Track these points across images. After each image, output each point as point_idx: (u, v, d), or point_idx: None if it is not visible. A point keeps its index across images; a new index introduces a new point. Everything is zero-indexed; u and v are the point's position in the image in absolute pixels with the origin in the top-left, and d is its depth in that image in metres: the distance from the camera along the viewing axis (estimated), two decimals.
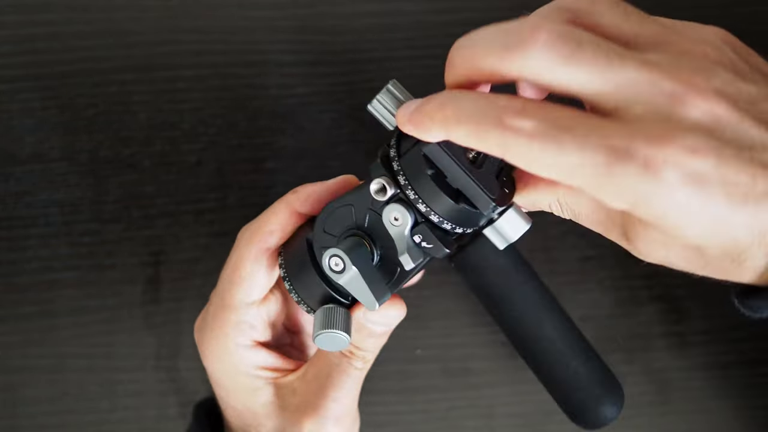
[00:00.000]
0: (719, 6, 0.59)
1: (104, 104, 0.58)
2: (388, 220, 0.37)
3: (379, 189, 0.37)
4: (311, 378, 0.45)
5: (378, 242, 0.40)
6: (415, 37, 0.58)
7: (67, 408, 0.56)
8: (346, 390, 0.44)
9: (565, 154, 0.31)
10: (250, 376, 0.45)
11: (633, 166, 0.30)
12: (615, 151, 0.30)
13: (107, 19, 0.58)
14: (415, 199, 0.36)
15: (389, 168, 0.37)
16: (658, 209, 0.31)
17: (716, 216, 0.31)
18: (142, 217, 0.57)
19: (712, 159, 0.31)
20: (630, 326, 0.57)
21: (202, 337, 0.45)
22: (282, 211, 0.43)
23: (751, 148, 0.32)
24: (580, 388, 0.45)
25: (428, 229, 0.37)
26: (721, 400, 0.57)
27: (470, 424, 0.57)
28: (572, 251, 0.57)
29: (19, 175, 0.57)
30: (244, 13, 0.59)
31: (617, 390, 0.46)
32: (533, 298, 0.46)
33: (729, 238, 0.32)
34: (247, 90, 0.58)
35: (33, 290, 0.57)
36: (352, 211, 0.40)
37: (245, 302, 0.44)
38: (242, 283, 0.43)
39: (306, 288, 0.42)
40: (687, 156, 0.30)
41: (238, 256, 0.44)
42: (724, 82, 0.32)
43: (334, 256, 0.38)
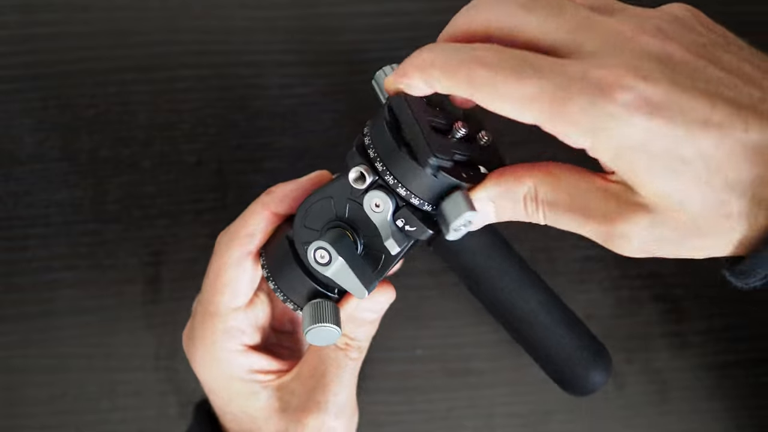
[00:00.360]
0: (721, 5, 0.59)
1: (104, 104, 0.58)
2: (369, 207, 0.37)
3: (357, 177, 0.37)
4: (307, 375, 0.45)
5: (360, 231, 0.40)
6: (415, 37, 0.58)
7: (67, 408, 0.56)
8: (345, 382, 0.45)
9: (525, 85, 0.32)
10: (244, 381, 0.45)
11: (588, 89, 0.32)
12: (570, 78, 0.32)
13: (107, 19, 0.58)
14: (395, 183, 0.36)
15: (365, 156, 0.37)
16: (618, 139, 0.32)
17: (675, 148, 0.32)
18: (142, 217, 0.57)
19: (664, 85, 0.32)
20: (630, 326, 0.57)
21: (191, 347, 0.45)
22: (258, 213, 0.43)
23: (707, 81, 0.32)
24: (568, 357, 0.45)
25: (410, 212, 0.37)
26: (721, 400, 0.57)
27: (470, 424, 0.57)
28: (572, 251, 0.57)
29: (19, 175, 0.57)
30: (244, 13, 0.59)
31: (604, 355, 0.46)
32: (513, 274, 0.46)
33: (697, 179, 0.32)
34: (247, 90, 0.58)
35: (33, 290, 0.57)
36: (331, 203, 0.39)
37: (231, 308, 0.44)
38: (225, 289, 0.43)
39: (291, 286, 0.42)
40: (639, 80, 0.32)
41: (219, 262, 0.43)
42: (675, 30, 0.34)
43: (319, 248, 0.38)
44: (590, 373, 0.45)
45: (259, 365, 0.45)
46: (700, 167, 0.32)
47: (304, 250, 0.41)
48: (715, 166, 0.32)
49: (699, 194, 0.32)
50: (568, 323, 0.46)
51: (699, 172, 0.32)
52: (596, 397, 0.57)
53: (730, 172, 0.32)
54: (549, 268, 0.57)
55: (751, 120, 0.32)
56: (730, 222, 0.33)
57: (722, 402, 0.57)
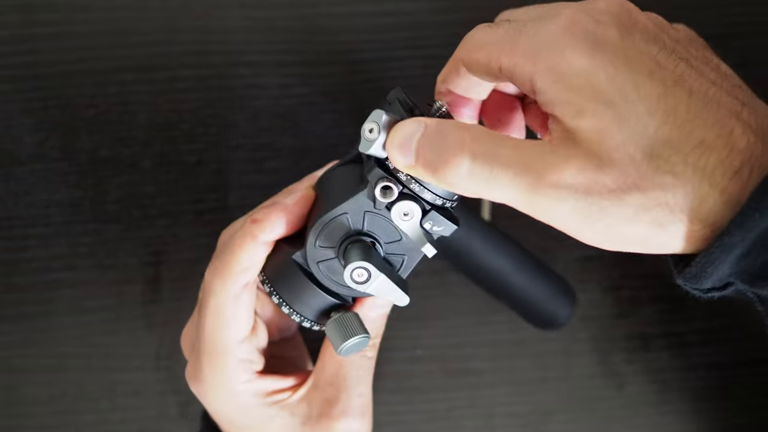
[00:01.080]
0: (716, 6, 0.59)
1: (104, 104, 0.58)
2: (398, 217, 0.38)
3: (385, 191, 0.38)
4: (326, 384, 0.45)
5: (380, 239, 0.40)
6: (415, 37, 0.58)
7: (67, 408, 0.56)
8: (365, 383, 0.45)
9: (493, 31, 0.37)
10: (262, 407, 0.45)
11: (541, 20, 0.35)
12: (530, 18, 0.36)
13: (107, 19, 0.58)
14: (421, 189, 0.37)
15: (385, 169, 0.38)
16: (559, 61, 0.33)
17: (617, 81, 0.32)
18: (142, 217, 0.57)
19: (614, 31, 0.33)
20: (630, 326, 0.57)
21: (202, 388, 0.45)
22: (249, 245, 0.42)
23: (659, 45, 0.34)
24: (538, 299, 0.54)
25: (438, 214, 0.38)
26: (721, 400, 0.57)
27: (470, 424, 0.57)
28: (572, 251, 0.57)
29: (19, 175, 0.57)
30: (244, 13, 0.59)
31: (570, 293, 0.55)
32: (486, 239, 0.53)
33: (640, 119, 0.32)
34: (247, 90, 0.58)
35: (33, 290, 0.57)
36: (347, 218, 0.40)
37: (238, 341, 0.43)
38: (230, 325, 0.43)
39: (308, 306, 0.42)
40: (590, 19, 0.34)
41: (217, 300, 0.43)
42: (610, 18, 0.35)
43: (357, 268, 0.39)
44: (559, 309, 0.55)
45: (272, 387, 0.45)
46: (643, 108, 0.32)
47: (318, 269, 0.41)
48: (660, 115, 0.32)
49: (641, 136, 0.32)
50: (537, 272, 0.54)
51: (641, 112, 0.32)
52: (596, 397, 0.57)
53: (674, 127, 0.32)
54: None
55: (697, 84, 0.33)
56: (671, 180, 0.32)
57: (722, 402, 0.57)
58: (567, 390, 0.57)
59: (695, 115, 0.32)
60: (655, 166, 0.32)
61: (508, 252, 0.54)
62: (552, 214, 0.33)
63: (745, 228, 0.31)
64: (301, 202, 0.43)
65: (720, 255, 0.32)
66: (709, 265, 0.32)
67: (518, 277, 0.54)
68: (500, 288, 0.55)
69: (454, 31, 0.57)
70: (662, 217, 0.32)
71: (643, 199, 0.32)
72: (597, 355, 0.57)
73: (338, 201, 0.40)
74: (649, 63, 0.33)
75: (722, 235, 0.31)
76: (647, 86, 0.32)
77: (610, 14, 0.34)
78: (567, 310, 0.55)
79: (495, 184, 0.33)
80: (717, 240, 0.32)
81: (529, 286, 0.54)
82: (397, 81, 0.58)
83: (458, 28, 0.42)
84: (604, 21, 0.34)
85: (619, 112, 0.32)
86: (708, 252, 0.32)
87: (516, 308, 0.55)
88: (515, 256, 0.54)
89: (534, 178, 0.33)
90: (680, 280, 0.34)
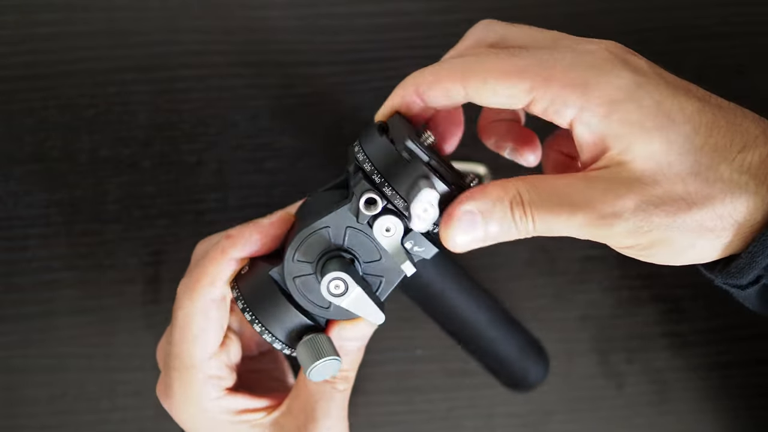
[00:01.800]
0: (721, 5, 0.59)
1: (104, 104, 0.58)
2: (380, 232, 0.38)
3: (370, 203, 0.37)
4: (298, 411, 0.44)
5: (360, 257, 0.40)
6: (415, 37, 0.58)
7: (67, 408, 0.56)
8: (335, 416, 0.44)
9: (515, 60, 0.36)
10: (232, 424, 0.44)
11: (576, 51, 0.35)
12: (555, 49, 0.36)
13: (107, 19, 0.58)
14: (405, 206, 0.37)
15: (371, 182, 0.37)
16: (608, 90, 0.34)
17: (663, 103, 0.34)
18: (142, 217, 0.57)
19: (645, 61, 0.35)
20: (630, 326, 0.57)
21: (172, 403, 0.44)
22: (218, 260, 0.42)
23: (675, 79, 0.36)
24: (512, 361, 0.51)
25: (420, 233, 0.38)
26: (721, 400, 0.57)
27: (470, 424, 0.57)
28: (572, 251, 0.57)
29: (19, 175, 0.57)
30: (244, 13, 0.59)
31: (542, 355, 0.53)
32: (460, 288, 0.50)
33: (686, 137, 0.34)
34: (247, 90, 0.58)
35: (33, 290, 0.57)
36: (328, 232, 0.39)
37: (206, 357, 0.43)
38: (197, 340, 0.42)
39: (280, 324, 0.41)
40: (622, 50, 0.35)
41: (184, 314, 0.42)
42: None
43: (334, 279, 0.38)
44: (531, 371, 0.52)
45: (244, 406, 0.44)
46: (689, 126, 0.34)
47: (294, 285, 0.40)
48: (703, 129, 0.34)
49: (689, 153, 0.34)
50: (510, 330, 0.51)
51: (687, 131, 0.34)
52: (596, 397, 0.57)
53: (718, 136, 0.34)
54: (549, 268, 0.57)
55: (723, 101, 0.35)
56: (720, 188, 0.34)
57: (722, 402, 0.57)
58: (567, 390, 0.57)
59: (731, 122, 0.34)
60: (704, 179, 0.34)
61: (483, 304, 0.51)
62: (611, 238, 0.35)
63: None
64: (277, 224, 0.42)
65: (761, 251, 0.34)
66: (751, 263, 0.35)
67: (491, 331, 0.51)
68: (471, 340, 0.52)
69: (454, 31, 0.57)
70: (709, 228, 0.34)
71: (693, 215, 0.34)
72: (597, 355, 0.57)
73: (319, 215, 0.39)
74: (681, 83, 0.35)
75: (762, 235, 0.34)
76: (689, 106, 0.34)
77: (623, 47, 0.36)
78: (538, 371, 0.53)
79: (563, 225, 0.35)
80: (757, 240, 0.34)
81: (501, 340, 0.51)
82: (397, 81, 0.58)
83: (458, 28, 0.42)
84: (632, 53, 0.36)
85: (668, 137, 0.34)
86: (750, 252, 0.34)
87: (486, 364, 0.53)
88: (490, 309, 0.52)
89: (596, 214, 0.34)
90: (720, 279, 0.36)
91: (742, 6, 0.58)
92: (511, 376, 0.53)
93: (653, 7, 0.59)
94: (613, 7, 0.58)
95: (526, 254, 0.58)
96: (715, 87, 0.38)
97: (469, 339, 0.51)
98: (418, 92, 0.38)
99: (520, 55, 0.35)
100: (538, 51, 0.36)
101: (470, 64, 0.36)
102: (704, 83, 0.37)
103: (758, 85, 0.58)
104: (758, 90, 0.57)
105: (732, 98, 0.38)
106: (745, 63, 0.58)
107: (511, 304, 0.57)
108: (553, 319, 0.57)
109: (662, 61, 0.37)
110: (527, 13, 0.57)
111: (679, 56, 0.57)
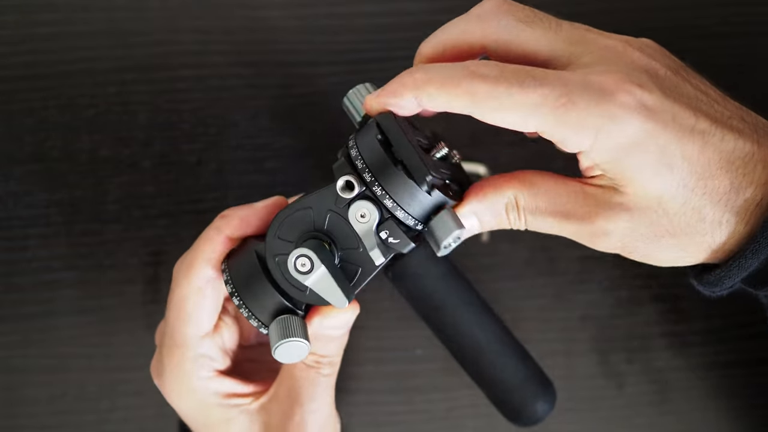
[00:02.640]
0: (721, 5, 0.59)
1: (104, 104, 0.58)
2: (354, 217, 0.38)
3: (345, 186, 0.37)
4: (284, 396, 0.44)
5: (339, 244, 0.40)
6: (415, 37, 0.58)
7: (67, 408, 0.56)
8: (321, 400, 0.44)
9: (528, 94, 0.34)
10: (221, 407, 0.44)
11: (589, 94, 0.34)
12: (572, 85, 0.34)
13: (107, 19, 0.58)
14: (382, 194, 0.37)
15: (353, 166, 0.38)
16: (617, 137, 0.35)
17: (667, 149, 0.35)
18: (142, 217, 0.57)
19: (658, 93, 0.35)
20: (630, 326, 0.57)
21: (162, 380, 0.45)
22: (212, 239, 0.42)
23: (688, 96, 0.36)
24: (514, 388, 0.47)
25: (395, 224, 0.38)
26: (721, 400, 0.57)
27: (470, 424, 0.57)
28: (572, 251, 0.57)
29: (19, 175, 0.57)
30: (244, 13, 0.59)
31: (549, 387, 0.48)
32: (466, 304, 0.48)
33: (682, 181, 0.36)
34: (247, 90, 0.58)
35: (33, 290, 0.57)
36: (310, 214, 0.39)
37: (198, 336, 0.43)
38: (189, 318, 0.43)
39: (258, 301, 0.41)
40: (635, 87, 0.35)
41: (179, 292, 0.43)
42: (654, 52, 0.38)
43: (301, 256, 0.38)
44: (537, 402, 0.47)
45: (233, 389, 0.45)
46: (686, 171, 0.35)
47: (275, 263, 0.40)
48: (698, 172, 0.36)
49: (681, 196, 0.36)
50: (518, 355, 0.48)
51: (684, 176, 0.36)
52: (596, 397, 0.57)
53: (709, 179, 0.36)
54: (549, 268, 0.57)
55: (726, 132, 0.36)
56: (702, 226, 0.36)
57: (722, 402, 0.57)
58: (567, 390, 0.57)
59: (727, 161, 0.36)
60: (688, 219, 0.36)
61: (487, 325, 0.48)
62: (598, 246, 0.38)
63: (760, 253, 0.36)
64: (271, 206, 0.43)
65: (737, 272, 0.37)
66: (726, 278, 0.37)
67: (491, 353, 0.47)
68: (470, 360, 0.48)
69: None
70: (691, 248, 0.38)
71: (677, 242, 0.37)
72: (597, 355, 0.57)
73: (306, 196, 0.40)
74: (689, 119, 0.36)
75: (740, 258, 0.36)
76: (689, 149, 0.35)
77: (645, 71, 0.36)
78: (544, 404, 0.48)
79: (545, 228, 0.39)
80: (735, 261, 0.37)
81: (503, 366, 0.47)
82: None
83: None
84: (644, 83, 0.36)
85: (664, 181, 0.36)
86: (727, 269, 0.37)
87: (488, 387, 0.48)
88: (495, 331, 0.48)
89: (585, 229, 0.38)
90: (696, 284, 0.40)
91: (742, 6, 0.58)
92: (511, 406, 0.48)
93: (653, 7, 0.59)
94: (613, 7, 0.58)
95: (526, 254, 0.58)
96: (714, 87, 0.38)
97: (470, 359, 0.48)
98: (418, 100, 0.37)
99: (532, 85, 0.35)
100: (552, 78, 0.35)
101: (478, 87, 0.35)
102: None
103: (758, 85, 0.58)
104: (758, 90, 0.57)
105: (732, 98, 0.38)
106: (745, 63, 0.58)
107: (511, 304, 0.57)
108: (553, 319, 0.57)
109: None
110: None
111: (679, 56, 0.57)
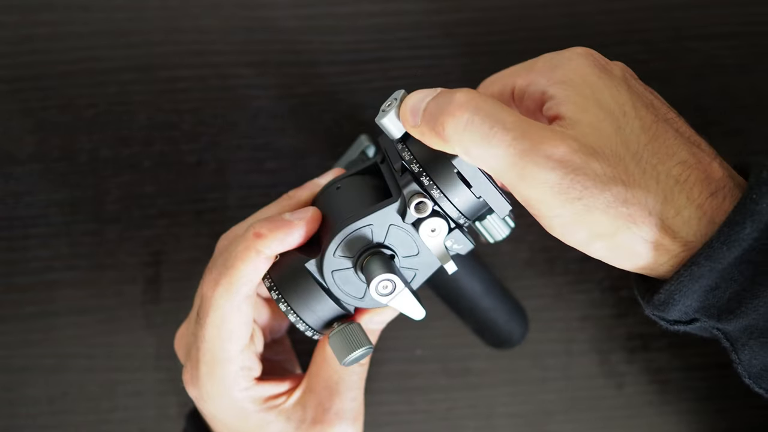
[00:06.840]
0: (721, 5, 0.59)
1: (104, 104, 0.58)
2: (426, 232, 0.40)
3: (420, 206, 0.39)
4: (321, 388, 0.45)
5: (399, 253, 0.41)
6: (415, 37, 0.58)
7: (67, 408, 0.56)
8: (359, 387, 0.46)
9: None
10: (259, 412, 0.45)
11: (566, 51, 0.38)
12: None
13: (107, 19, 0.58)
14: (450, 207, 0.39)
15: (420, 184, 0.39)
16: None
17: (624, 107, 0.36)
18: (142, 217, 0.57)
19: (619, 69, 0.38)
20: (630, 326, 0.57)
21: (200, 394, 0.45)
22: (252, 259, 0.42)
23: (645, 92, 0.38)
24: (499, 323, 0.54)
25: (461, 233, 0.40)
26: (721, 400, 0.57)
27: (470, 424, 0.57)
28: (572, 251, 0.57)
29: (19, 175, 0.57)
30: (244, 13, 0.59)
31: (523, 314, 0.56)
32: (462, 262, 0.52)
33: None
34: (247, 90, 0.58)
35: (33, 290, 0.57)
36: (371, 230, 0.40)
37: (239, 350, 0.44)
38: (232, 336, 0.43)
39: (314, 314, 0.43)
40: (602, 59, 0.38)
41: (220, 312, 0.43)
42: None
43: (384, 280, 0.39)
44: (514, 330, 0.55)
45: (269, 392, 0.46)
46: (637, 125, 0.36)
47: (332, 278, 0.42)
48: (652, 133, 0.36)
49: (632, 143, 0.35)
50: (502, 295, 0.55)
51: (636, 128, 0.36)
52: (596, 397, 0.57)
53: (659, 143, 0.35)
54: (549, 268, 0.57)
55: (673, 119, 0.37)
56: (653, 182, 0.35)
57: (722, 402, 0.57)
58: (567, 390, 0.57)
59: (680, 144, 0.36)
60: (642, 170, 0.35)
61: (480, 275, 0.54)
62: (534, 185, 0.35)
63: (713, 260, 0.34)
64: (311, 223, 0.43)
65: (688, 284, 0.35)
66: (677, 292, 0.35)
67: (486, 300, 0.54)
68: (467, 308, 0.55)
69: (454, 31, 0.57)
70: (638, 215, 0.35)
71: (625, 193, 0.35)
72: (597, 355, 0.57)
73: (362, 212, 0.40)
74: (645, 98, 0.37)
75: (691, 265, 0.34)
76: (643, 112, 0.36)
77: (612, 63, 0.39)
78: (521, 331, 0.56)
79: (490, 142, 0.35)
80: (686, 269, 0.35)
81: (494, 308, 0.54)
82: (397, 81, 0.58)
83: (458, 28, 0.42)
84: (610, 62, 0.38)
85: (617, 122, 0.35)
86: (677, 280, 0.35)
87: (475, 327, 0.56)
88: (486, 280, 0.54)
89: (530, 145, 0.35)
90: (648, 309, 0.38)
91: (742, 6, 0.58)
92: (498, 338, 0.55)
93: (653, 7, 0.59)
94: (613, 7, 0.58)
95: (526, 254, 0.58)
96: (715, 87, 0.38)
97: (465, 308, 0.54)
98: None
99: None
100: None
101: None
102: (704, 83, 0.37)
103: (758, 85, 0.57)
104: (758, 90, 0.57)
105: (732, 98, 0.39)
106: (745, 63, 0.58)
107: None
108: (553, 319, 0.57)
109: (662, 61, 0.38)
110: (528, 13, 0.57)
111: (679, 56, 0.57)
